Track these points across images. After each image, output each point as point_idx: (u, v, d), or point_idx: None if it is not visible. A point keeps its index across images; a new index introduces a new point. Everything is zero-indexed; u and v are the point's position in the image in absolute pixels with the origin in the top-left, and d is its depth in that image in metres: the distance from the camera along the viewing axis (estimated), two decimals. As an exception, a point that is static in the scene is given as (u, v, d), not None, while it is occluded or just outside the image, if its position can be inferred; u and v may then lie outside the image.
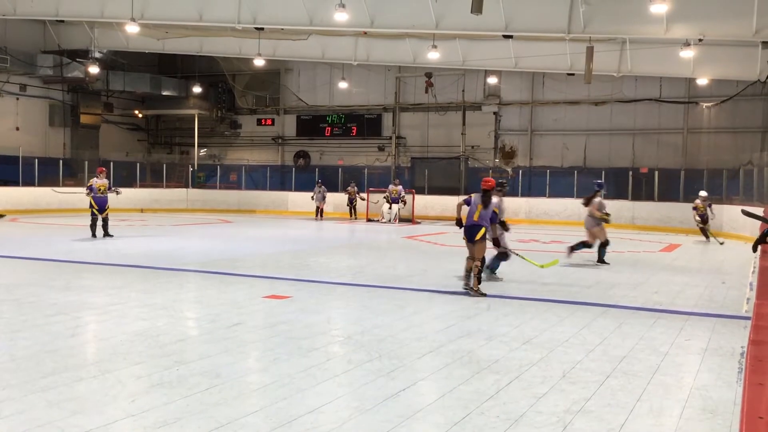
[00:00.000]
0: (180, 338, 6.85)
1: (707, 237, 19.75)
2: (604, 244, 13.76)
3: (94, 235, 17.09)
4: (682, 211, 24.02)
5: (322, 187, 27.72)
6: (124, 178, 31.71)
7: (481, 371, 5.82)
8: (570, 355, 6.35)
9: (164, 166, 33.29)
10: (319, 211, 27.38)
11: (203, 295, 9.76)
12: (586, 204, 14.03)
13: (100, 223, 17.18)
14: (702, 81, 25.14)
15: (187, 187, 32.91)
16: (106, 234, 17.19)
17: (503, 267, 11.46)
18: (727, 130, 27.18)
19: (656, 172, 26.34)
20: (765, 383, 2.03)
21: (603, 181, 15.09)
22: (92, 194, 17.17)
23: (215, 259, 13.50)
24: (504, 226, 10.86)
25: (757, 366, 2.28)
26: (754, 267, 12.07)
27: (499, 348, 6.62)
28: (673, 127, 28.46)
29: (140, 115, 36.21)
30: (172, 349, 6.29)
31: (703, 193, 19.90)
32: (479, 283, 9.67)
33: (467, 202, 9.89)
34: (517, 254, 11.45)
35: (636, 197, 26.16)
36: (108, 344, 6.48)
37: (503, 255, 11.17)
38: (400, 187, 27.05)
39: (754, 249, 5.96)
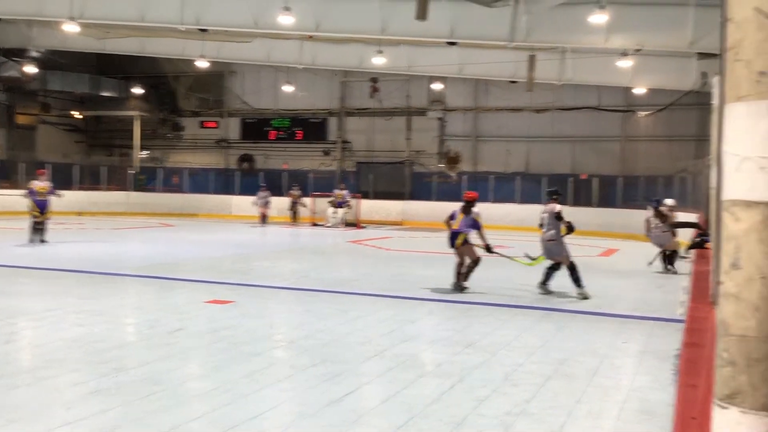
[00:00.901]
0: (118, 344, 6.71)
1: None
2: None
3: (32, 240, 16.43)
4: (621, 217, 24.60)
5: (267, 191, 26.82)
6: (62, 180, 30.87)
7: (424, 375, 5.86)
8: (512, 358, 6.45)
9: (104, 168, 32.53)
10: (263, 217, 26.35)
11: (143, 300, 9.58)
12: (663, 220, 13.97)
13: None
14: (639, 90, 25.84)
15: (127, 190, 32.22)
16: (42, 240, 16.56)
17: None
18: (663, 138, 27.98)
19: (595, 179, 26.95)
20: (697, 385, 2.10)
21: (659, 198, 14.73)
22: (32, 197, 16.54)
23: (156, 264, 13.26)
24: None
25: (689, 368, 2.36)
26: (689, 271, 12.45)
27: (442, 352, 6.67)
28: (612, 134, 29.16)
29: (79, 116, 35.32)
30: (111, 355, 6.16)
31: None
32: (464, 279, 10.44)
33: (452, 216, 10.65)
34: (503, 256, 11.50)
35: (576, 203, 26.68)
36: (44, 351, 6.30)
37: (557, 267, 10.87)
38: (345, 192, 26.98)
39: (687, 250, 6.17)
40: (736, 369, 1.31)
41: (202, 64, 27.28)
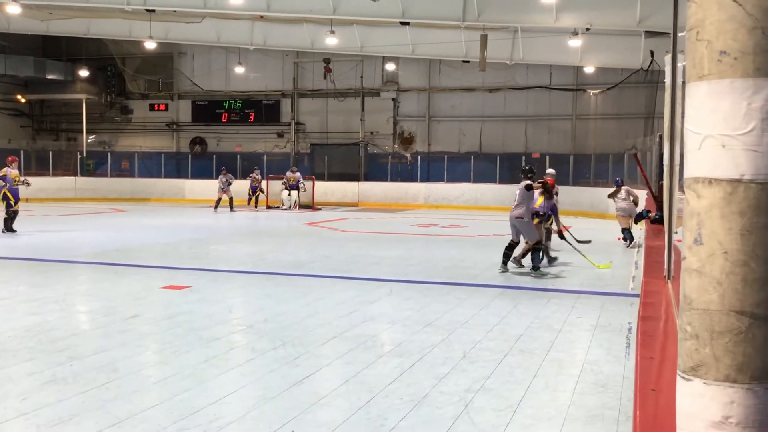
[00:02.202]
0: (73, 332, 6.59)
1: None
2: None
3: (11, 230, 15.60)
4: (573, 195, 24.98)
5: (228, 174, 25.22)
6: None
7: (384, 355, 5.90)
8: (470, 336, 6.52)
9: (50, 153, 31.70)
10: (223, 201, 24.86)
11: (96, 287, 9.41)
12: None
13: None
14: (589, 69, 26.20)
15: (75, 175, 31.48)
16: (13, 229, 15.70)
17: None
18: (613, 116, 28.44)
19: (547, 157, 27.28)
20: (655, 357, 2.16)
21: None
22: (7, 185, 15.75)
23: (108, 250, 13.03)
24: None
25: (647, 341, 2.42)
26: (639, 247, 12.74)
27: (401, 331, 6.72)
28: (563, 113, 29.53)
29: (23, 100, 34.31)
30: (65, 344, 6.05)
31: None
32: (521, 258, 10.83)
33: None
34: (578, 250, 11.56)
35: (529, 181, 26.98)
36: (-6, 341, 6.15)
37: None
38: (297, 174, 26.79)
39: (636, 221, 6.30)
40: (699, 342, 1.35)
41: (150, 45, 26.69)
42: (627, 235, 14.79)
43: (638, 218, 12.95)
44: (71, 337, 6.36)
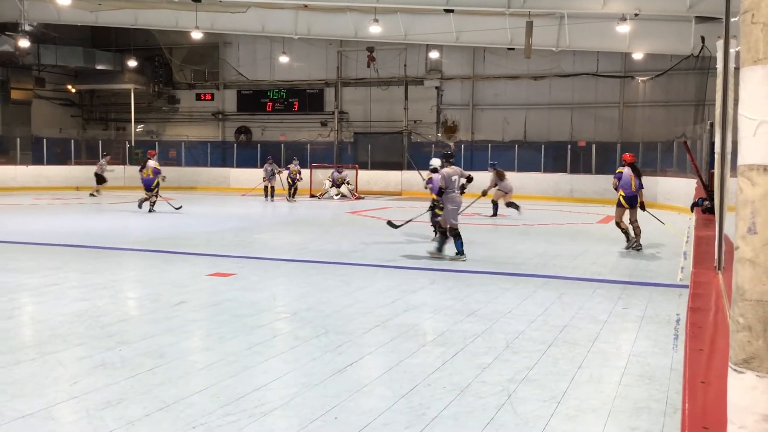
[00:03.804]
0: (121, 318, 6.72)
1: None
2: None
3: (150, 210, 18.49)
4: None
5: (273, 164, 25.22)
6: (59, 155, 30.77)
7: (426, 344, 5.89)
8: (513, 326, 6.47)
9: (100, 142, 32.36)
10: (270, 191, 24.87)
11: (144, 274, 9.59)
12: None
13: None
14: (637, 55, 25.66)
15: (124, 164, 32.10)
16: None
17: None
18: (662, 103, 27.86)
19: (593, 146, 26.88)
20: (705, 349, 2.11)
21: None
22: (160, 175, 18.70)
23: (155, 238, 13.26)
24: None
25: (696, 332, 2.36)
26: (688, 237, 12.47)
27: (443, 321, 6.70)
28: (610, 101, 29.03)
29: (74, 90, 35.06)
30: (114, 329, 6.17)
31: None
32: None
33: (618, 177, 11.94)
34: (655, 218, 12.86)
35: (574, 170, 26.67)
36: (46, 326, 6.31)
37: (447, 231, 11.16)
38: (344, 173, 27.10)
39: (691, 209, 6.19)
40: (752, 334, 1.30)
41: (197, 35, 27.03)
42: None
43: (693, 207, 12.68)
44: (120, 322, 6.49)
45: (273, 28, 27.13)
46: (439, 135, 31.39)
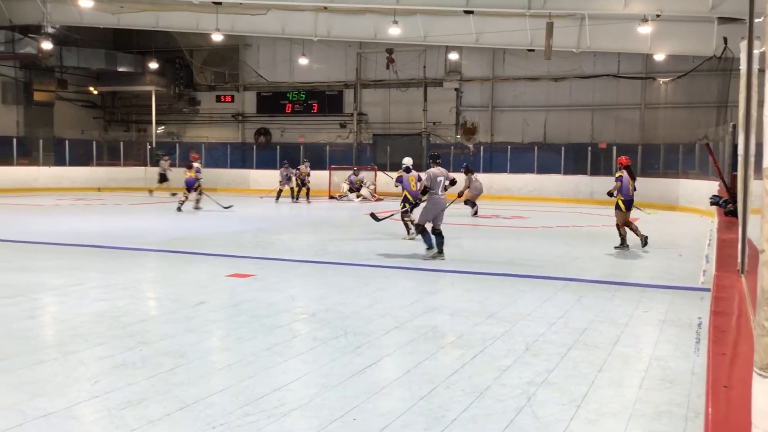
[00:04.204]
0: (142, 318, 6.77)
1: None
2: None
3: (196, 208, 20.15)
4: (640, 186, 24.36)
5: (289, 168, 25.28)
6: (80, 156, 31.06)
7: (445, 346, 5.88)
8: (532, 329, 6.44)
9: (121, 144, 32.65)
10: (292, 191, 24.99)
11: (164, 274, 9.66)
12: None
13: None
14: (659, 57, 25.43)
15: (145, 165, 32.35)
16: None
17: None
18: (684, 105, 27.60)
19: (614, 148, 26.66)
20: (728, 353, 2.08)
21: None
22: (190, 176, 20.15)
23: (175, 239, 13.34)
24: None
25: (719, 336, 2.33)
26: (710, 240, 12.35)
27: (463, 323, 6.68)
28: (631, 102, 28.80)
29: (95, 92, 35.39)
30: (135, 329, 6.22)
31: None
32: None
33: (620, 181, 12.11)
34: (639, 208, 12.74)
35: (595, 172, 26.48)
36: (68, 326, 6.38)
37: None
38: (361, 176, 27.17)
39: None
40: (778, 338, 1.29)
41: (217, 37, 27.20)
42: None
43: (712, 202, 12.55)
44: (140, 322, 6.54)
45: (293, 30, 27.21)
46: (459, 137, 31.32)
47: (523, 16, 21.78)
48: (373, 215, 13.58)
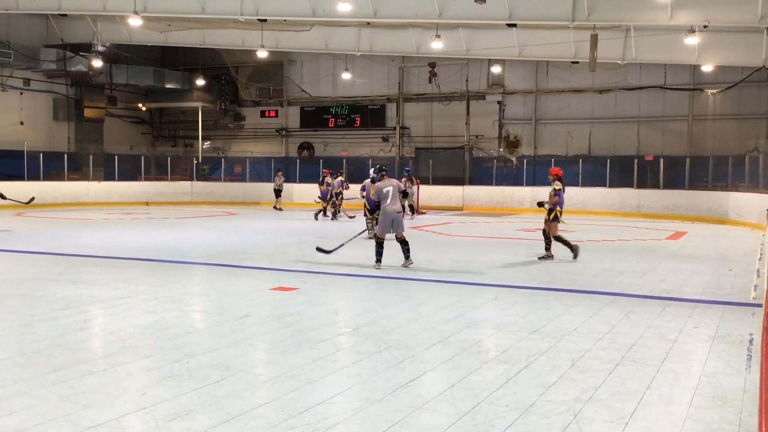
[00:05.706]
0: (188, 331, 6.87)
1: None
2: None
3: (323, 217, 22.34)
4: (688, 199, 23.96)
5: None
6: (129, 171, 31.74)
7: (489, 361, 5.83)
8: (578, 344, 6.35)
9: (168, 159, 33.29)
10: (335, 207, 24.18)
11: (210, 287, 9.78)
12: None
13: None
14: (707, 68, 24.98)
15: (191, 179, 32.92)
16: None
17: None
18: (732, 116, 27.06)
19: (661, 160, 26.25)
20: (781, 371, 2.03)
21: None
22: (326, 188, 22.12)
23: (221, 252, 13.52)
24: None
25: (772, 353, 2.27)
26: (761, 254, 12.06)
27: (507, 338, 6.62)
28: (678, 114, 28.34)
29: (144, 109, 36.18)
30: (181, 341, 6.31)
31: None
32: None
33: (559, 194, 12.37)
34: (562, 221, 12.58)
35: (641, 185, 26.11)
36: (117, 338, 6.49)
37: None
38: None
39: None
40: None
41: (262, 54, 27.60)
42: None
43: None
44: (187, 335, 6.63)
45: (336, 45, 27.47)
46: (501, 150, 31.17)
47: (567, 28, 21.63)
48: (319, 249, 12.57)
